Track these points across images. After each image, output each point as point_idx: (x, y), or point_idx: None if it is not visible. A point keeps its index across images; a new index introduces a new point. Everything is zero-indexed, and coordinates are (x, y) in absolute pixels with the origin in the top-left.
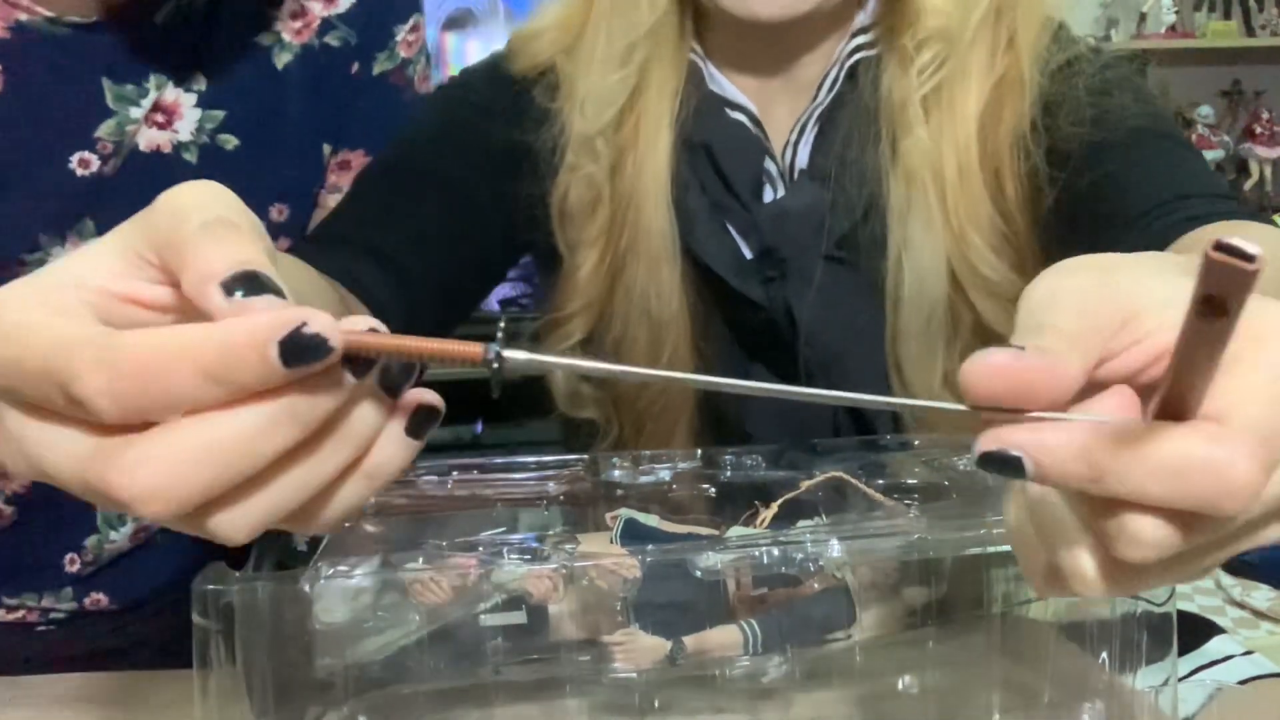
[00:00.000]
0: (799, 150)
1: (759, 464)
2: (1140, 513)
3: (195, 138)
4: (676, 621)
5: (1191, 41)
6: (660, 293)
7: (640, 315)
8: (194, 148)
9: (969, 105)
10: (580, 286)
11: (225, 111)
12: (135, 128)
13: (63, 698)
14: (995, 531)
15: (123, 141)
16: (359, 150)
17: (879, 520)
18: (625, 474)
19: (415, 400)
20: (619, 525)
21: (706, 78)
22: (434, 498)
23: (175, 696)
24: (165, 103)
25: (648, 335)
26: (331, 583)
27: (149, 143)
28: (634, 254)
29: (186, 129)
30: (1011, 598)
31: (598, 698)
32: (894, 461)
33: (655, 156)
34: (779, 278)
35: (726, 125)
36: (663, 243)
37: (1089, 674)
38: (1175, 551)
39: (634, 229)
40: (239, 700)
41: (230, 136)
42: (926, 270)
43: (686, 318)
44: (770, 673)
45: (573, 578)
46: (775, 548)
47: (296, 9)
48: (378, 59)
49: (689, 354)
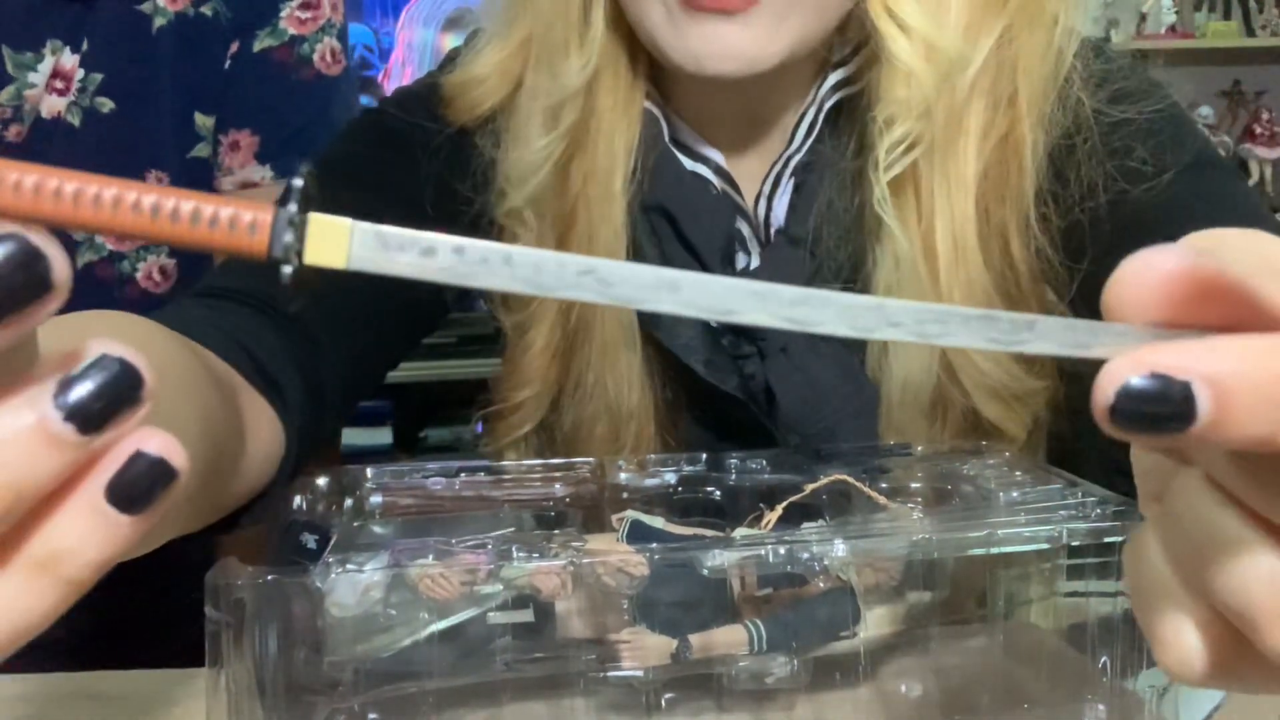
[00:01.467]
0: (774, 205)
1: (763, 468)
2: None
3: (78, 99)
4: (682, 620)
5: (1191, 41)
6: (618, 383)
7: (598, 406)
8: (77, 110)
9: (967, 170)
10: (527, 373)
11: (102, 75)
12: (35, 93)
13: (70, 695)
14: (998, 533)
15: (21, 106)
16: (245, 130)
17: (883, 521)
18: (631, 477)
19: (130, 447)
20: (625, 527)
21: (664, 130)
22: (441, 499)
23: (185, 693)
24: (64, 68)
25: (607, 428)
26: (342, 578)
27: (50, 109)
28: (587, 337)
29: (73, 90)
30: (1014, 599)
31: (604, 696)
32: (898, 466)
33: (607, 226)
34: (755, 355)
35: (689, 184)
36: (618, 327)
37: (1091, 676)
38: None
39: (585, 310)
40: (250, 696)
41: (106, 100)
42: (915, 361)
43: (650, 408)
44: (775, 672)
45: (580, 575)
46: (781, 547)
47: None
48: (258, 35)
49: (656, 445)
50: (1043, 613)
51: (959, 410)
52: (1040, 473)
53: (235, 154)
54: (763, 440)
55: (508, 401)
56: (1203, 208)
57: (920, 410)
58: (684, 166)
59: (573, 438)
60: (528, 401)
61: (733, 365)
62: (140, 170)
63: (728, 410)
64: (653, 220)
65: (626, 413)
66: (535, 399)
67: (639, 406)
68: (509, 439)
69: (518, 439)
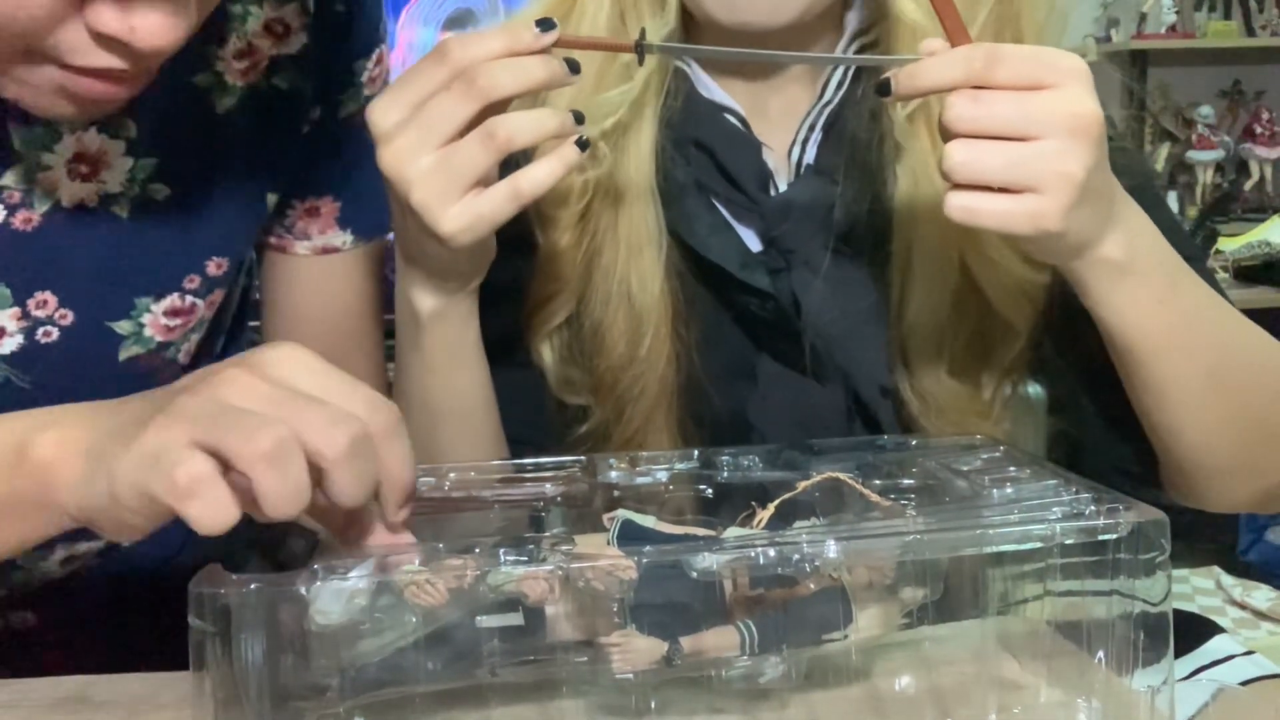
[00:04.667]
0: (807, 149)
1: (756, 464)
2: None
3: (126, 189)
4: (673, 623)
5: (1191, 41)
6: (640, 278)
7: (619, 300)
8: (125, 200)
9: None
10: (556, 269)
11: (156, 159)
12: (49, 176)
13: (57, 701)
14: (992, 532)
15: (32, 190)
16: (326, 197)
17: (876, 521)
18: (622, 475)
19: None
20: (616, 526)
21: (694, 81)
22: (430, 500)
23: (172, 699)
24: (89, 151)
25: (626, 321)
26: (327, 584)
27: (72, 197)
28: (612, 239)
29: (116, 180)
30: (1008, 598)
31: (594, 699)
32: (891, 462)
33: (639, 149)
34: (785, 269)
35: (721, 125)
36: (645, 229)
37: (1086, 674)
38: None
39: (612, 215)
40: (236, 703)
41: (161, 186)
42: (938, 264)
43: (667, 304)
44: (767, 674)
45: (569, 579)
46: (772, 548)
47: (243, 47)
48: (342, 102)
49: (669, 340)
50: (1037, 610)
51: (972, 317)
52: (1035, 467)
53: (313, 220)
54: (793, 346)
55: (541, 293)
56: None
57: (945, 318)
58: (715, 106)
59: (594, 334)
60: (558, 292)
61: (762, 270)
62: (200, 261)
63: (759, 315)
64: (687, 153)
65: (647, 305)
66: (565, 291)
67: (657, 300)
68: (542, 332)
69: (549, 331)
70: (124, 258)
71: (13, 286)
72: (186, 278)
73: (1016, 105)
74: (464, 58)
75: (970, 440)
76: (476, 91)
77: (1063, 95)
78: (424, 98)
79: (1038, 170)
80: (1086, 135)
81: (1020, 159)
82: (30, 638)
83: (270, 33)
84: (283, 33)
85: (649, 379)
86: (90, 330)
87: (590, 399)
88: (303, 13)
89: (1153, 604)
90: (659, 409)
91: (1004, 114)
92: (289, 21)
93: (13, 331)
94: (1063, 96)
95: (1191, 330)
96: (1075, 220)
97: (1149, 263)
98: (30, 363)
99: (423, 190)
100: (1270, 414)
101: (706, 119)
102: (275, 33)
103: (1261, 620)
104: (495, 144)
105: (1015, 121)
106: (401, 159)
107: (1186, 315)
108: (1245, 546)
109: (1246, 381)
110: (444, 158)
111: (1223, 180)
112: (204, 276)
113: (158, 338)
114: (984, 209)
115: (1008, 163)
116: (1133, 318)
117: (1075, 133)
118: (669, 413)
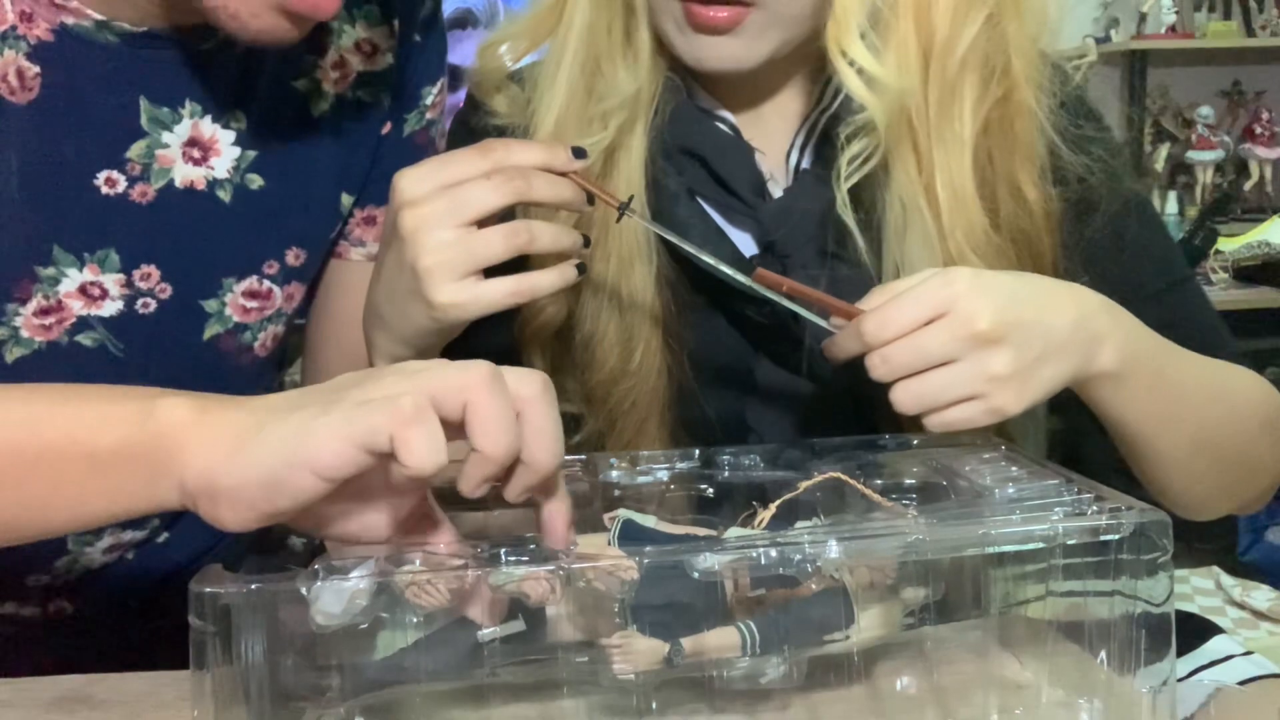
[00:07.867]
0: (805, 154)
1: (757, 464)
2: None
3: (231, 176)
4: (674, 623)
5: (1191, 41)
6: (631, 291)
7: (610, 314)
8: (229, 186)
9: (963, 130)
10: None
11: (257, 152)
12: (166, 154)
13: (57, 700)
14: (994, 532)
15: (150, 165)
16: (384, 207)
17: (877, 521)
18: (623, 475)
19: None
20: (617, 526)
21: (686, 92)
22: None
23: (172, 698)
24: (202, 137)
25: (617, 334)
26: (328, 584)
27: (184, 179)
28: (602, 252)
29: (223, 166)
30: (1010, 598)
31: (595, 700)
32: (892, 461)
33: (629, 162)
34: (782, 273)
35: (712, 132)
36: (634, 242)
37: (1087, 674)
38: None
39: (601, 228)
40: (236, 703)
41: (256, 176)
42: (934, 264)
43: (658, 316)
44: (768, 674)
45: (570, 580)
46: (773, 549)
47: (337, 59)
48: (408, 120)
49: (660, 352)
50: (1039, 610)
51: None
52: (1036, 467)
53: (370, 228)
54: (791, 351)
55: (532, 307)
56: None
57: None
58: (705, 115)
59: (585, 348)
60: (546, 310)
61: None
62: (282, 249)
63: (756, 320)
64: (678, 162)
65: (638, 317)
66: (554, 309)
67: (648, 312)
68: (534, 344)
69: (541, 343)
70: (220, 241)
71: (122, 254)
72: (266, 263)
73: (916, 352)
74: (506, 159)
75: (971, 440)
76: (513, 190)
77: (954, 319)
78: (458, 181)
79: (969, 385)
80: (991, 338)
81: (950, 382)
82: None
83: (360, 50)
84: (370, 52)
85: (640, 391)
86: (183, 307)
87: (583, 408)
88: (389, 36)
89: (1155, 604)
90: (651, 419)
91: (909, 362)
92: (377, 43)
93: (115, 296)
94: (954, 320)
95: (1180, 403)
96: (1037, 385)
97: (1138, 363)
98: (125, 331)
99: (433, 258)
100: (1248, 451)
101: (697, 127)
102: (364, 51)
103: (1261, 620)
104: (516, 242)
105: (925, 361)
106: (425, 224)
107: (1174, 391)
108: (1245, 547)
109: (1228, 432)
110: (464, 236)
111: (1223, 180)
112: (283, 265)
113: (235, 317)
114: (952, 419)
115: (943, 385)
116: (1131, 412)
117: (979, 343)
118: (661, 423)
